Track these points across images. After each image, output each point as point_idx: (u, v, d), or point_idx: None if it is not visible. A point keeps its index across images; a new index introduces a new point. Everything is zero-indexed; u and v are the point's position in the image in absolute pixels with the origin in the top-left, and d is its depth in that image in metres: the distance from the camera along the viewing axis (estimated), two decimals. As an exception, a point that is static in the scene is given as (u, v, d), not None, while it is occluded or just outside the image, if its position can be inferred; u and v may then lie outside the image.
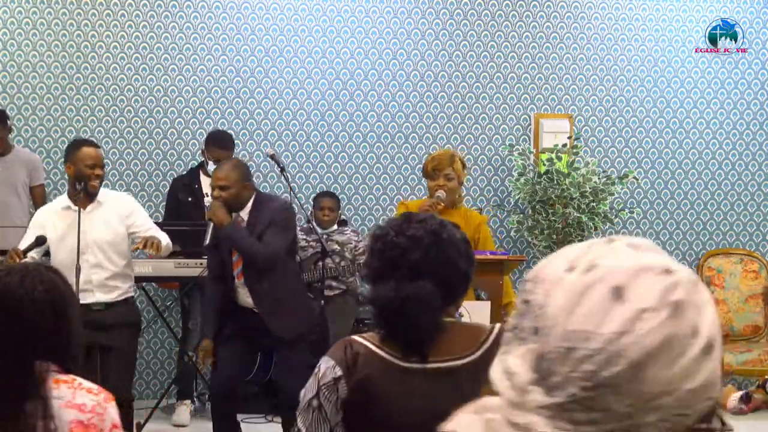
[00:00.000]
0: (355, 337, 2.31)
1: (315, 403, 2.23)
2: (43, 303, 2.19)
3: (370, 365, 2.23)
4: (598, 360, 0.88)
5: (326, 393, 2.23)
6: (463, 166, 5.28)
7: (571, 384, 0.89)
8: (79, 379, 2.24)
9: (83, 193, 4.99)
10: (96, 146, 5.27)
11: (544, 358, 0.91)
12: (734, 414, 3.54)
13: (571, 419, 0.89)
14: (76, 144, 5.28)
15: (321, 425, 2.23)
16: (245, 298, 5.08)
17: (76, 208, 4.98)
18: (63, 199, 5.18)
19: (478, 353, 2.25)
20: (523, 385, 0.91)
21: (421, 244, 2.25)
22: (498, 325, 2.34)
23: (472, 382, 2.22)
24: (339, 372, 2.22)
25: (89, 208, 5.04)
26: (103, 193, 5.20)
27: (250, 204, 5.04)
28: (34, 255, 4.97)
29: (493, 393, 0.96)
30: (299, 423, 2.26)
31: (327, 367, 2.24)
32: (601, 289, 0.90)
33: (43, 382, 2.17)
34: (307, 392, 2.26)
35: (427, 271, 2.23)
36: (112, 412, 2.24)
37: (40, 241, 4.91)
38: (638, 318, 0.89)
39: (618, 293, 0.90)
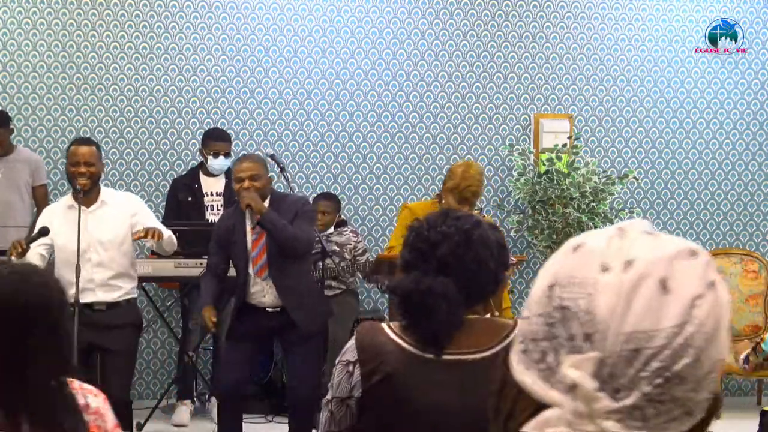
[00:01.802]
0: (382, 324, 2.36)
1: (334, 373, 2.34)
2: (36, 307, 2.14)
3: (387, 353, 2.28)
4: (666, 356, 0.89)
5: (342, 372, 2.32)
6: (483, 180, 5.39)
7: (641, 384, 0.89)
8: (77, 381, 2.23)
9: (80, 193, 5.00)
10: (86, 143, 5.19)
11: (605, 363, 0.90)
12: (741, 371, 3.82)
13: (643, 416, 0.89)
14: (70, 144, 5.29)
15: (329, 392, 2.34)
16: (261, 297, 5.08)
17: (83, 207, 4.99)
18: (68, 199, 5.17)
19: (498, 347, 2.28)
20: (590, 393, 0.89)
21: (451, 240, 2.29)
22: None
23: (487, 375, 2.24)
24: (355, 356, 2.30)
25: (93, 207, 5.04)
26: (109, 193, 5.20)
27: (268, 199, 5.07)
28: (42, 252, 4.98)
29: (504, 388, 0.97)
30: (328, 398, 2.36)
31: (348, 347, 2.34)
32: (649, 284, 0.90)
33: (72, 395, 2.16)
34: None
35: (454, 268, 2.27)
36: (111, 412, 2.25)
37: (44, 231, 4.91)
38: (693, 305, 0.90)
39: (665, 285, 0.91)
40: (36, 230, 4.94)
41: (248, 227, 5.07)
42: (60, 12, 6.87)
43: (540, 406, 0.92)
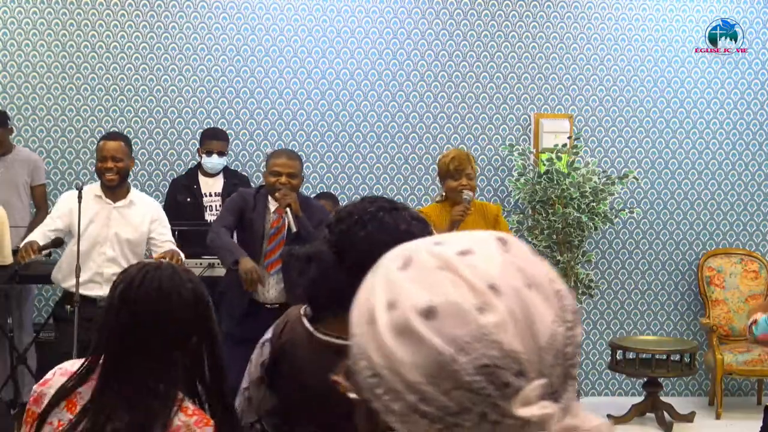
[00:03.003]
0: (303, 306, 2.43)
1: (251, 359, 2.48)
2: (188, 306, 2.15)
3: (293, 331, 2.39)
4: (570, 337, 0.94)
5: (255, 353, 2.47)
6: (475, 163, 5.34)
7: (568, 372, 0.94)
8: (192, 406, 2.17)
9: (105, 188, 5.04)
10: (114, 138, 5.23)
11: (546, 383, 0.92)
12: (761, 336, 3.85)
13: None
14: (100, 139, 5.32)
15: (246, 378, 2.50)
16: (265, 291, 5.05)
17: (109, 201, 5.01)
18: (96, 188, 5.17)
19: None
20: (548, 416, 0.89)
21: (349, 218, 2.29)
22: None
23: None
24: (268, 335, 2.45)
25: (120, 203, 5.07)
26: (136, 193, 5.23)
27: None
28: (51, 237, 5.00)
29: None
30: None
31: (268, 330, 2.48)
32: (524, 293, 0.91)
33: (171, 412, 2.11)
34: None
35: (344, 245, 2.25)
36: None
37: (57, 243, 4.92)
38: (552, 283, 0.95)
39: (529, 285, 0.93)
40: (50, 241, 4.93)
41: (271, 219, 5.01)
42: (60, 12, 6.87)
43: None
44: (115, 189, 5.04)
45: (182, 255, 5.03)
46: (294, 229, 4.90)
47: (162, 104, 6.95)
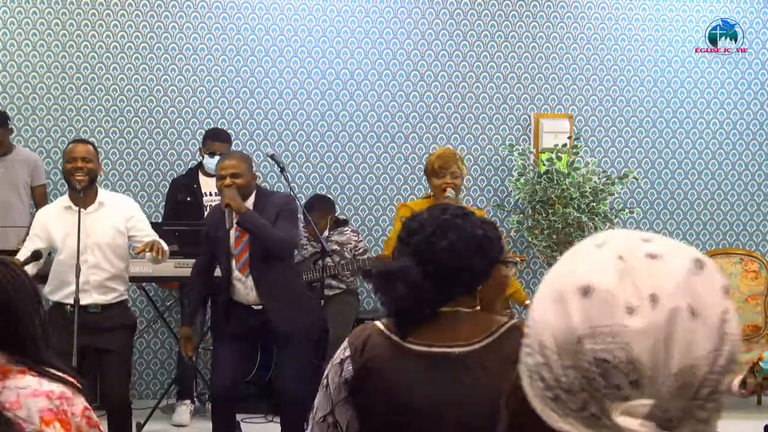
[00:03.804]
0: (376, 322, 2.37)
1: (324, 382, 2.34)
2: None
3: (377, 346, 2.29)
4: (712, 380, 0.90)
5: (332, 373, 2.32)
6: (463, 163, 5.30)
7: (694, 411, 0.91)
8: (50, 370, 2.25)
9: (73, 190, 5.00)
10: (83, 142, 5.26)
11: (658, 406, 0.90)
12: (738, 396, 3.71)
13: None
14: (67, 145, 5.30)
15: (325, 403, 2.32)
16: (244, 295, 5.06)
17: (77, 208, 4.97)
18: (64, 200, 5.16)
19: (484, 343, 2.28)
20: None
21: (425, 229, 2.30)
22: (513, 322, 2.35)
23: (473, 370, 2.24)
24: (347, 353, 2.31)
25: (90, 208, 5.03)
26: (105, 195, 5.19)
27: (253, 196, 5.05)
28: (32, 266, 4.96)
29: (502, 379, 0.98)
30: (315, 402, 2.36)
31: (341, 348, 2.35)
32: (681, 317, 0.90)
33: None
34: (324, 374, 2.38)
35: (426, 256, 2.27)
36: (82, 397, 2.26)
37: (37, 255, 4.89)
38: (723, 322, 0.91)
39: (693, 312, 0.90)
40: (30, 254, 4.90)
41: (233, 224, 5.06)
42: (60, 12, 6.87)
43: None
44: (85, 192, 4.99)
45: (164, 244, 5.02)
46: (230, 226, 4.96)
47: (162, 104, 6.95)
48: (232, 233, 5.04)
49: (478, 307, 2.36)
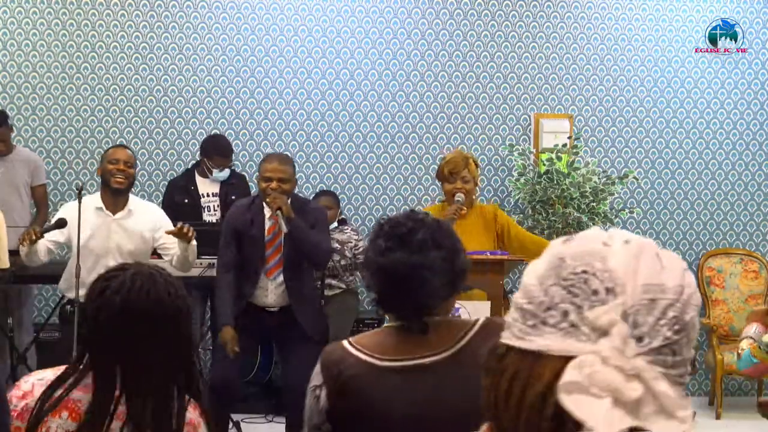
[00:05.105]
0: (343, 342, 2.38)
1: (306, 410, 2.37)
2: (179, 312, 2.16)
3: (349, 368, 2.30)
4: (678, 307, 0.99)
5: (309, 396, 2.36)
6: (476, 165, 5.29)
7: (663, 329, 0.98)
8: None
9: (109, 192, 5.03)
10: (127, 148, 5.34)
11: (628, 313, 0.98)
12: (747, 371, 3.72)
13: (664, 363, 0.98)
14: (108, 149, 5.36)
15: (311, 416, 2.36)
16: (263, 296, 5.06)
17: (109, 213, 5.02)
18: (96, 199, 5.17)
19: (454, 349, 2.29)
20: (625, 332, 0.96)
21: (428, 226, 2.34)
22: (480, 320, 2.36)
23: (448, 378, 2.24)
24: (321, 379, 2.33)
25: (119, 214, 5.08)
26: (135, 202, 5.22)
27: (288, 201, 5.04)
28: (51, 247, 4.99)
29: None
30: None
31: (314, 372, 2.37)
32: (649, 253, 1.01)
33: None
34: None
35: (435, 245, 2.30)
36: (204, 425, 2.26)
37: (61, 223, 4.92)
38: (684, 274, 1.02)
39: (660, 259, 1.01)
40: (54, 221, 4.94)
41: (267, 225, 5.04)
42: (60, 12, 6.87)
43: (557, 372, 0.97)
44: (119, 197, 5.04)
45: (194, 247, 5.06)
46: (285, 230, 4.92)
47: (162, 104, 6.95)
48: (266, 236, 5.04)
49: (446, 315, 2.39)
